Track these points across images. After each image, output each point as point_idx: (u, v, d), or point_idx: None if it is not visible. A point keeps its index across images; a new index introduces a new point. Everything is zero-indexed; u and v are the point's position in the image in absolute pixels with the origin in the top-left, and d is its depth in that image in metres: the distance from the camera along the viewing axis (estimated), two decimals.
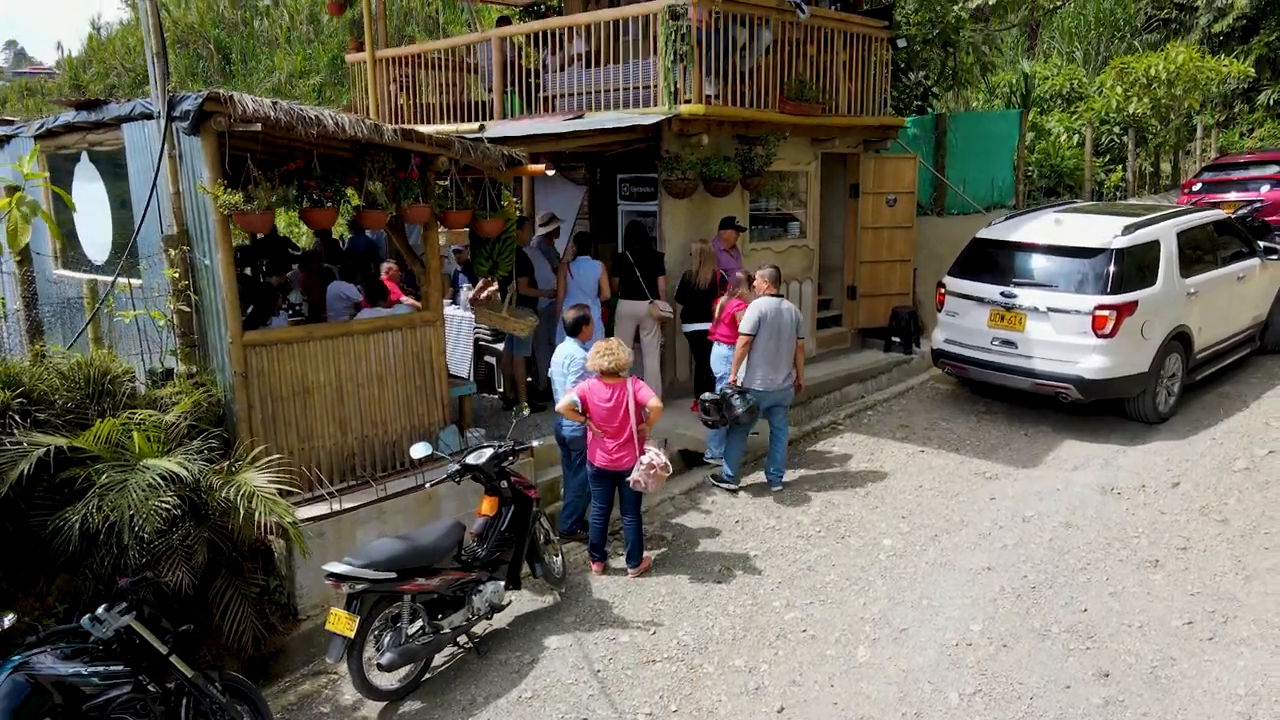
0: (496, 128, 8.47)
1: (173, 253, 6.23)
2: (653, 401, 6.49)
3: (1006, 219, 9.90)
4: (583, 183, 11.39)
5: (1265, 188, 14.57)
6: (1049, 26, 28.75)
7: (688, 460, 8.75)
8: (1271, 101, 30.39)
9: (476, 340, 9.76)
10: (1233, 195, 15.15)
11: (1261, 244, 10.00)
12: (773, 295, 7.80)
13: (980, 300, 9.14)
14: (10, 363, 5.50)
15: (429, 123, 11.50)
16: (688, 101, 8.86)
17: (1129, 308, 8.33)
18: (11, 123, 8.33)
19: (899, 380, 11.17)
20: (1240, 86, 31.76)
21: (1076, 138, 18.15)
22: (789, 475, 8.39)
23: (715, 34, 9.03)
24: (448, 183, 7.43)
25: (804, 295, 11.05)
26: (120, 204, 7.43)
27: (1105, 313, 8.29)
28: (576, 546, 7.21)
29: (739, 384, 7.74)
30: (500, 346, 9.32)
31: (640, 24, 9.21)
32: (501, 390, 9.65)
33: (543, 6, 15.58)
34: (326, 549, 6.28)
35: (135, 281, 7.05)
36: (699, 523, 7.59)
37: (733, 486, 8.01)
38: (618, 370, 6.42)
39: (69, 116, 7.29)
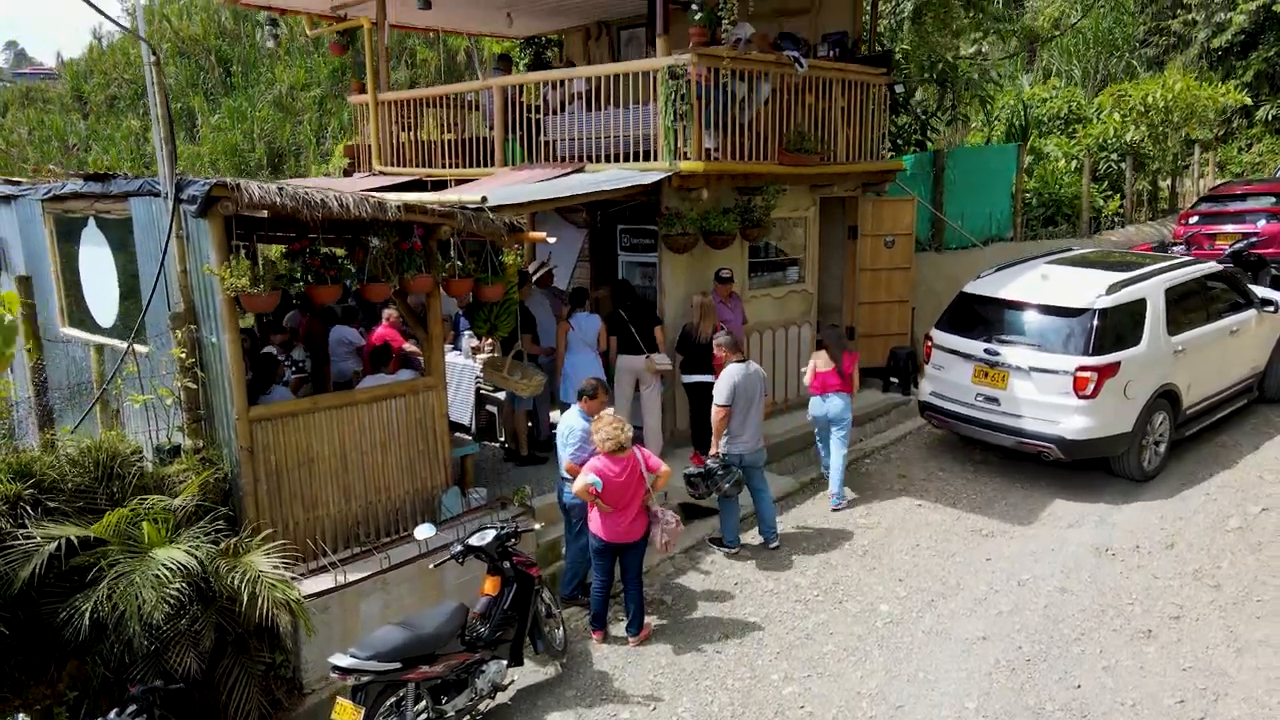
0: (498, 188, 8.55)
1: (179, 333, 6.32)
2: (663, 468, 6.61)
3: (995, 271, 9.93)
4: (583, 225, 11.50)
5: (1261, 222, 14.64)
6: (1047, 45, 28.86)
7: (688, 513, 8.84)
8: (1270, 117, 30.52)
9: (478, 390, 9.88)
10: (1229, 227, 15.25)
11: (1258, 295, 9.97)
12: (737, 361, 7.86)
13: (965, 356, 9.18)
14: (23, 452, 5.59)
15: (430, 162, 11.58)
16: (686, 156, 8.95)
17: (1111, 369, 8.35)
18: (19, 183, 8.41)
19: (897, 422, 11.26)
20: (1241, 87, 31.92)
21: (1075, 163, 18.25)
22: (789, 528, 8.50)
23: (715, 88, 9.11)
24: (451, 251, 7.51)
25: (803, 338, 11.14)
26: (127, 270, 7.53)
27: (1087, 374, 8.31)
28: (578, 612, 7.31)
29: (721, 455, 7.83)
30: (501, 396, 9.41)
31: (641, 76, 9.29)
32: (503, 439, 9.74)
33: (543, 39, 15.71)
34: (332, 624, 6.38)
35: (142, 349, 7.16)
36: (699, 585, 7.68)
37: (732, 550, 8.10)
38: (623, 446, 6.51)
39: (76, 186, 7.38)
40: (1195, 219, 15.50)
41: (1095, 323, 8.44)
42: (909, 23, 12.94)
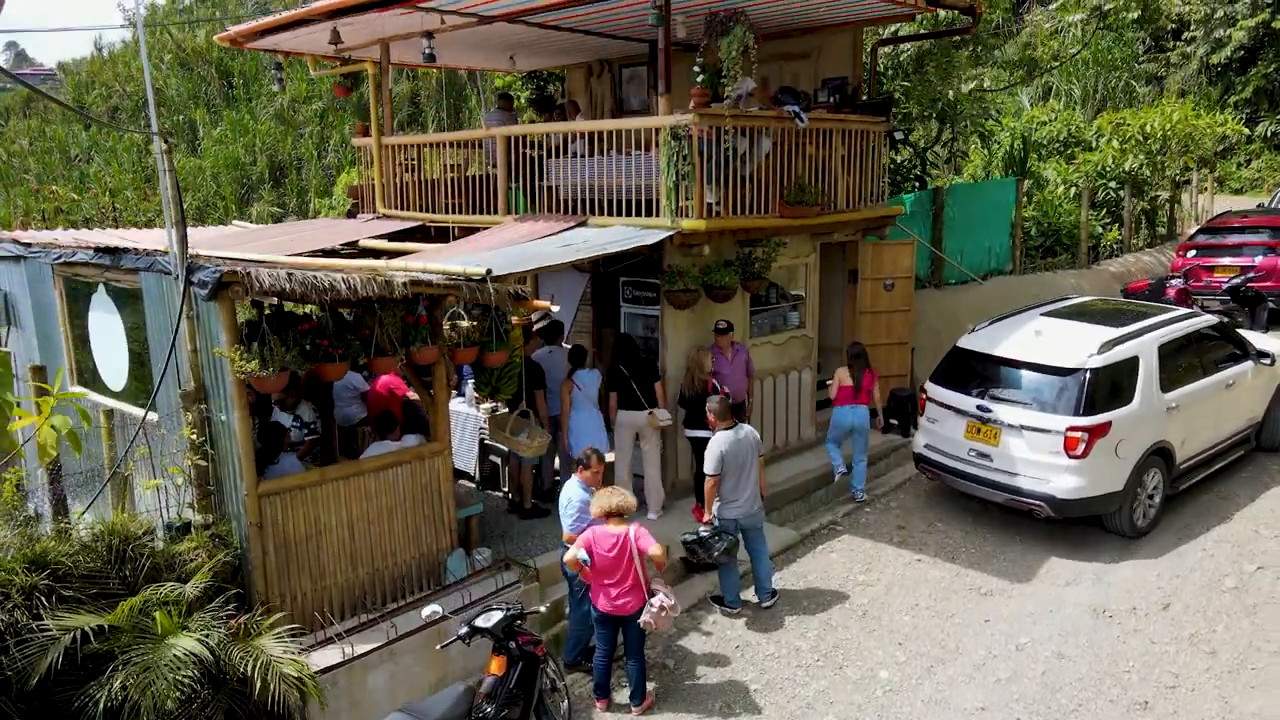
0: (501, 249, 8.65)
1: (190, 414, 6.41)
2: (653, 550, 6.67)
3: (990, 324, 9.96)
4: (586, 269, 11.58)
5: (1259, 257, 14.75)
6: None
7: (689, 568, 8.93)
8: (1269, 133, 30.63)
9: (481, 439, 9.98)
10: (1226, 260, 15.36)
11: (1255, 346, 10.01)
12: (727, 428, 7.94)
13: (958, 411, 9.25)
14: (38, 541, 5.69)
15: (433, 205, 11.64)
16: (688, 213, 9.03)
17: (1102, 429, 8.40)
18: (29, 245, 8.50)
19: (896, 465, 11.36)
20: (1239, 117, 31.98)
21: (1073, 190, 18.34)
22: (790, 584, 8.60)
23: (716, 144, 9.20)
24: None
25: (803, 382, 11.24)
26: (136, 337, 7.63)
27: (1077, 434, 8.35)
28: (581, 678, 7.40)
29: (715, 521, 7.92)
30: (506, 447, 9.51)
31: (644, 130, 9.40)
32: (506, 490, 9.83)
33: (545, 73, 15.80)
34: (340, 698, 6.49)
35: (152, 415, 7.26)
36: (700, 647, 7.78)
37: (732, 610, 8.19)
38: (623, 511, 6.60)
39: (87, 256, 7.48)
40: (1193, 252, 15.62)
41: (1086, 382, 8.50)
42: (911, 71, 13.03)
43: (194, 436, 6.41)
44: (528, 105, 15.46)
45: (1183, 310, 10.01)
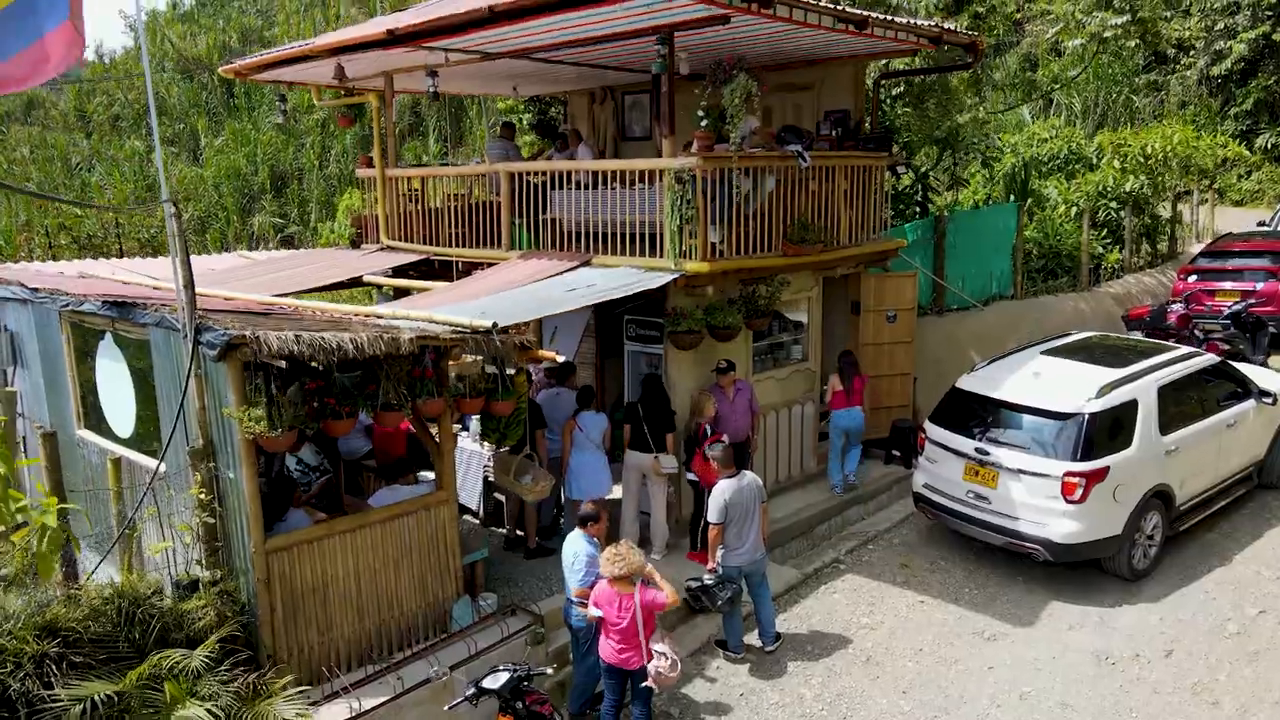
0: (506, 293, 8.68)
1: (199, 475, 6.45)
2: (663, 598, 6.70)
3: (990, 363, 9.98)
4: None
5: (1260, 284, 14.78)
6: (1047, 73, 28.93)
7: (693, 609, 8.95)
8: (1269, 145, 30.64)
9: (486, 477, 10.03)
10: (1228, 285, 15.39)
11: (1257, 385, 9.98)
12: (729, 476, 7.96)
13: (956, 452, 9.25)
14: (48, 608, 5.72)
15: (436, 236, 11.66)
16: (692, 253, 9.06)
17: (1099, 474, 8.40)
18: (35, 290, 8.52)
19: (899, 498, 11.37)
20: (1239, 129, 31.98)
21: (1074, 209, 18.37)
22: (794, 627, 8.64)
23: (720, 185, 9.24)
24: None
25: (805, 415, 11.28)
26: (143, 387, 7.66)
27: (1075, 479, 8.37)
28: None
29: (718, 569, 7.95)
30: None
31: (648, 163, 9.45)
32: (509, 528, 9.85)
33: (547, 98, 15.83)
34: None
35: (160, 467, 7.31)
36: (705, 695, 7.81)
37: (736, 656, 8.23)
38: (630, 576, 6.63)
39: (94, 307, 7.50)
40: (1194, 276, 15.65)
41: (1084, 427, 8.50)
42: (913, 107, 13.08)
43: (202, 496, 6.44)
44: (530, 129, 15.51)
45: (1183, 349, 9.97)
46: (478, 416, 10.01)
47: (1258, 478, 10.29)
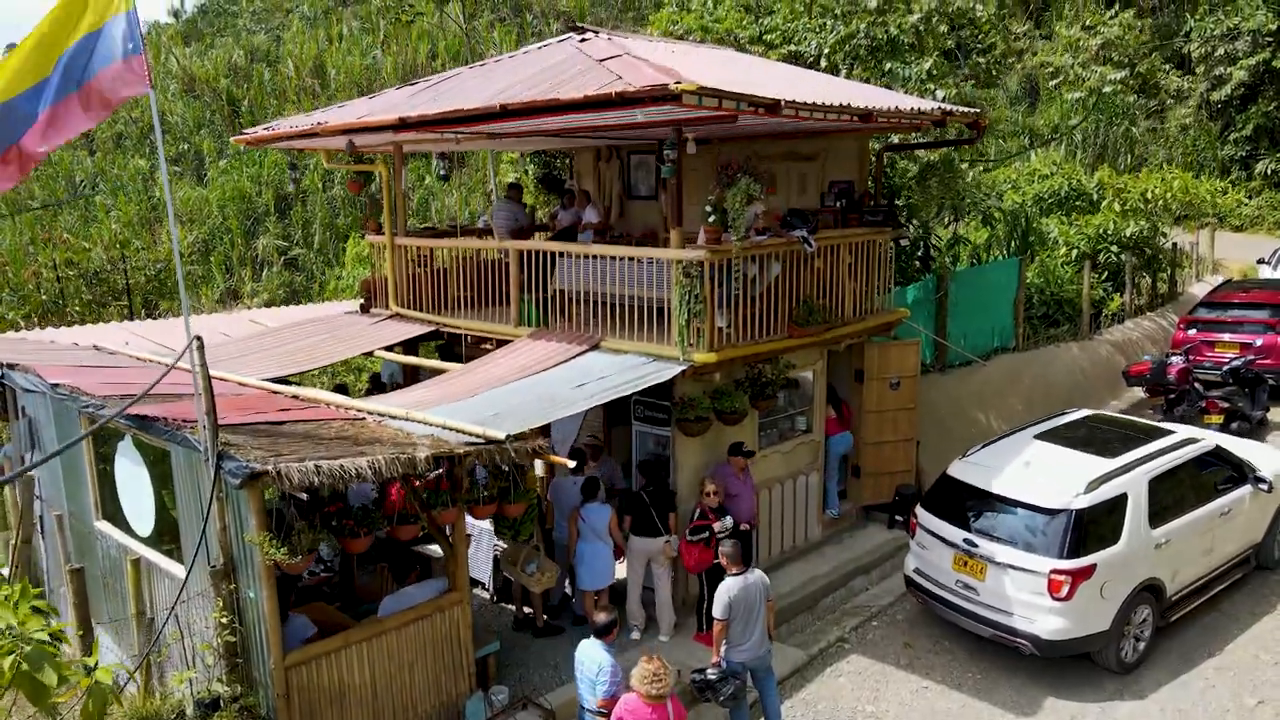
0: (517, 384, 8.83)
1: (220, 599, 6.61)
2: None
3: (983, 448, 9.95)
4: None
5: (1259, 340, 14.93)
6: (1050, 102, 29.03)
7: (698, 695, 9.09)
8: (1269, 171, 30.78)
9: (496, 555, 10.18)
10: (1227, 336, 15.54)
11: (1254, 470, 9.95)
12: (737, 573, 8.04)
13: (946, 541, 9.25)
14: None
15: (444, 302, 11.80)
16: (699, 336, 9.19)
17: (1086, 572, 8.36)
18: (56, 386, 8.66)
19: (901, 566, 11.50)
20: (1239, 154, 32.09)
21: (1075, 251, 18.52)
22: (802, 715, 8.78)
23: (727, 273, 9.38)
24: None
25: (809, 485, 11.43)
26: (162, 490, 7.82)
27: (1061, 577, 8.32)
28: None
29: (722, 664, 8.09)
30: None
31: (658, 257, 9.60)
32: (517, 607, 9.99)
33: (547, 154, 15.96)
34: None
35: (177, 569, 7.48)
36: None
37: None
38: (664, 695, 6.73)
39: (114, 413, 7.65)
40: (1194, 329, 15.79)
41: (1070, 524, 8.44)
42: (917, 184, 13.24)
43: (223, 619, 6.60)
44: (535, 183, 15.64)
45: (1178, 436, 9.84)
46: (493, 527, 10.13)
47: (1255, 560, 10.28)
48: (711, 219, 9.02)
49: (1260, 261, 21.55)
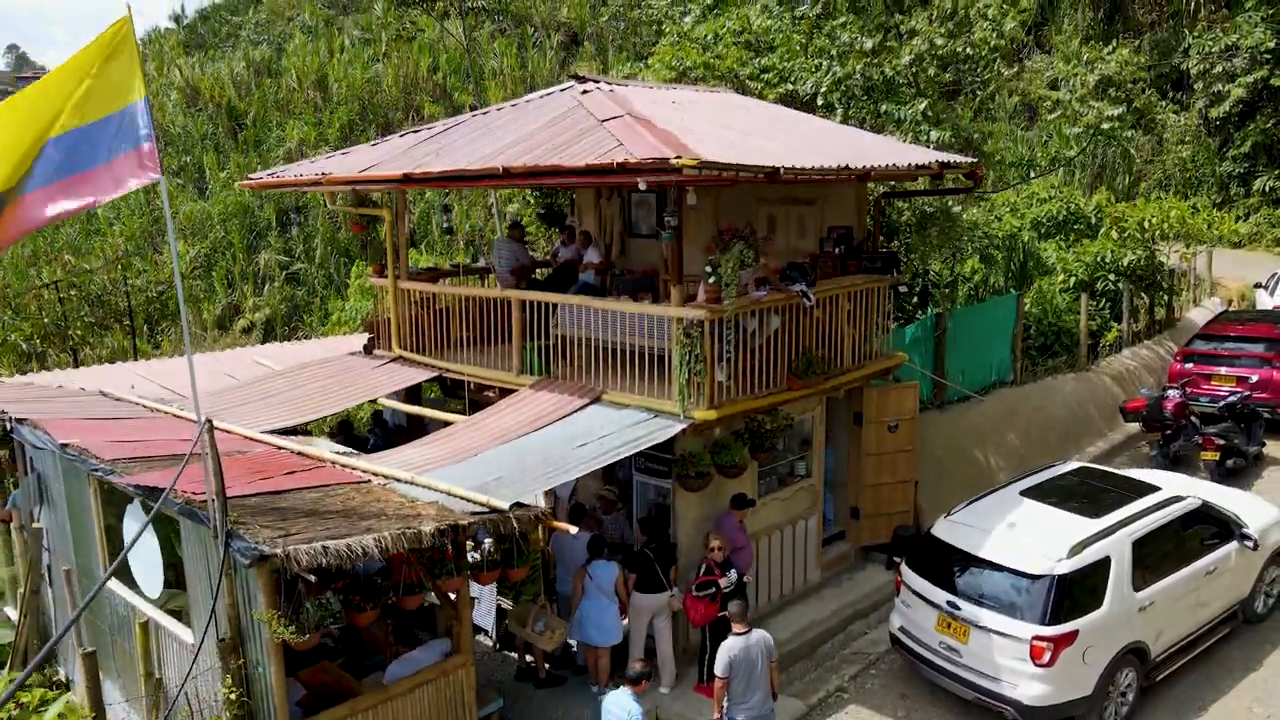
0: (518, 444, 8.96)
1: (229, 675, 6.73)
2: None
3: (967, 505, 9.95)
4: None
5: (1255, 376, 15.05)
6: (1046, 115, 29.09)
7: None
8: (1267, 188, 30.89)
9: (499, 604, 10.32)
10: (1223, 370, 15.66)
11: (1241, 526, 9.92)
12: (741, 633, 8.15)
13: (929, 602, 9.25)
14: None
15: (448, 344, 11.91)
16: (699, 390, 9.30)
17: (1068, 638, 8.31)
18: (65, 447, 8.77)
19: None
20: (1237, 170, 32.17)
21: (1073, 278, 18.64)
22: None
23: (726, 327, 9.50)
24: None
25: (809, 529, 11.56)
26: (170, 555, 7.94)
27: (1043, 644, 8.27)
28: None
29: None
30: None
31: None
32: (518, 657, 10.13)
33: (546, 190, 16.05)
34: None
35: (186, 633, 7.61)
36: None
37: None
38: None
39: (126, 484, 7.76)
40: (1190, 362, 15.91)
41: (1052, 589, 8.40)
42: (916, 232, 13.38)
43: (231, 695, 6.72)
44: (536, 218, 15.76)
45: (1164, 494, 9.78)
46: (490, 540, 10.30)
47: (1242, 615, 10.28)
48: (711, 279, 9.13)
49: (1258, 286, 21.62)
